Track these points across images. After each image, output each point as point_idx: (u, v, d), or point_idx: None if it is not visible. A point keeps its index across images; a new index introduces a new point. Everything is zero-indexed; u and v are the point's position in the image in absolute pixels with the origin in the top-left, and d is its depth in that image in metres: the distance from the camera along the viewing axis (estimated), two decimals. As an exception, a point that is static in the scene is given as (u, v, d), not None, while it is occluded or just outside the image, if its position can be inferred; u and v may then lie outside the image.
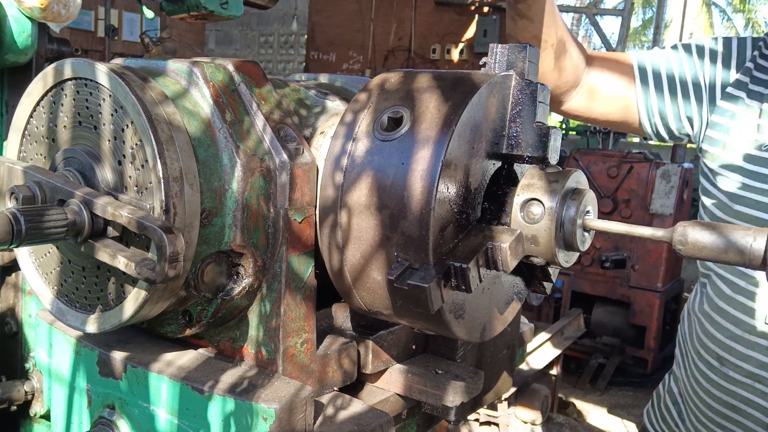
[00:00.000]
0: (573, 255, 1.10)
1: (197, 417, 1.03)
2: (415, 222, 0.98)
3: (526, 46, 1.10)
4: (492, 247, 1.00)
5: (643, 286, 6.39)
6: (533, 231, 1.05)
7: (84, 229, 0.96)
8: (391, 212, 1.01)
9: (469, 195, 1.05)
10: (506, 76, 1.10)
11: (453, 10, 12.29)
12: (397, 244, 1.01)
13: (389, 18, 12.79)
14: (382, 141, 1.04)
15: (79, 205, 0.96)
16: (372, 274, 1.05)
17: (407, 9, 12.60)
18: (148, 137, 0.95)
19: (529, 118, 1.11)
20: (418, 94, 1.07)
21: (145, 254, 0.96)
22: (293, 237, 1.07)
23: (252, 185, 1.04)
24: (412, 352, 1.30)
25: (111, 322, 1.04)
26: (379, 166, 1.03)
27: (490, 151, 1.09)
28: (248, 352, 1.10)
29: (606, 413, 5.83)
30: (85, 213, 0.96)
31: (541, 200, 1.04)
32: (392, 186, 1.01)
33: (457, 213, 1.03)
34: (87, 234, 0.97)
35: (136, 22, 11.52)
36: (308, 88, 1.30)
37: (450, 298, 1.02)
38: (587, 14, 12.24)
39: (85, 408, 1.18)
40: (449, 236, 1.02)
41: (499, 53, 1.12)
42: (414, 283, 0.96)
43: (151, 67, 1.10)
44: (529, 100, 1.11)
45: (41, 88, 1.09)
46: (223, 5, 2.89)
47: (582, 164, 6.55)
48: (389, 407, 1.22)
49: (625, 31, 11.78)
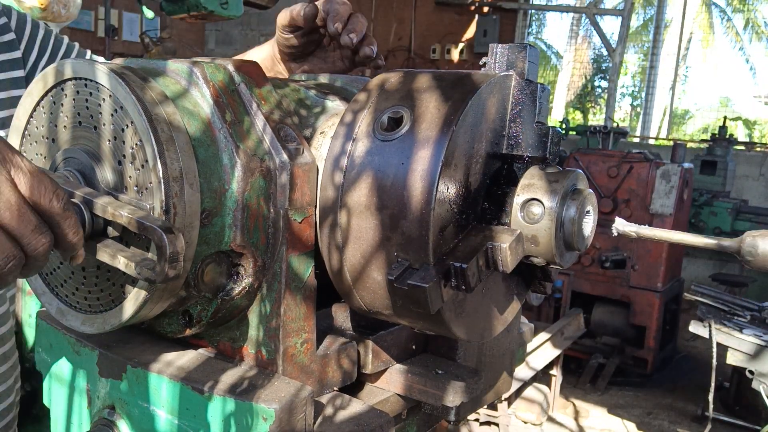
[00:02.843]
0: (573, 255, 1.10)
1: (197, 417, 1.03)
2: (415, 222, 0.99)
3: (527, 46, 1.10)
4: (492, 247, 1.00)
5: (643, 286, 6.39)
6: (533, 231, 1.05)
7: (84, 229, 0.96)
8: (391, 212, 1.01)
9: (469, 195, 1.05)
10: (506, 76, 1.10)
11: (453, 10, 12.30)
12: (397, 244, 1.01)
13: (389, 18, 12.80)
14: (382, 141, 1.04)
15: (79, 205, 0.96)
16: (372, 274, 1.05)
17: (407, 9, 12.61)
18: (148, 137, 0.95)
19: (529, 118, 1.11)
20: (418, 94, 1.07)
21: (145, 254, 0.96)
22: (293, 237, 1.07)
23: (252, 185, 1.04)
24: (412, 352, 1.30)
25: (111, 323, 1.05)
26: (379, 166, 1.03)
27: (490, 151, 1.09)
28: (248, 352, 1.10)
29: (606, 413, 5.83)
30: (85, 213, 0.96)
31: (541, 200, 1.04)
32: (392, 186, 1.01)
33: (457, 213, 1.03)
34: (87, 234, 0.97)
35: (136, 22, 11.52)
36: (308, 88, 1.30)
37: (450, 298, 1.02)
38: (587, 14, 12.25)
39: (85, 408, 1.18)
40: (449, 236, 1.02)
41: (499, 53, 1.12)
42: (414, 283, 0.96)
43: (151, 67, 1.10)
44: (529, 100, 1.11)
45: (41, 88, 1.09)
46: (223, 5, 2.89)
47: (582, 164, 6.55)
48: (389, 407, 1.22)
49: (625, 31, 11.79)
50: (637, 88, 27.67)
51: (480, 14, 12.03)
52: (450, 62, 12.37)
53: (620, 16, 11.88)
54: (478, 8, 12.07)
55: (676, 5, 20.43)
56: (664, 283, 6.36)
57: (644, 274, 6.35)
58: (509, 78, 1.10)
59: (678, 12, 19.28)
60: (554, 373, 5.41)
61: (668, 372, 6.75)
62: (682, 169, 6.26)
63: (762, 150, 12.38)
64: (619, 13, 12.02)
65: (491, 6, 11.96)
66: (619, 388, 6.36)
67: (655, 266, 6.30)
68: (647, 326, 6.38)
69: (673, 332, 6.99)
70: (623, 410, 5.88)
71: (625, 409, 5.92)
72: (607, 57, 16.03)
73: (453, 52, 12.35)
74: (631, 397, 6.23)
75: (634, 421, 5.67)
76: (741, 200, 8.61)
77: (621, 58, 11.87)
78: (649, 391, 6.35)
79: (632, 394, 6.27)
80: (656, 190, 6.28)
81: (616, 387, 6.36)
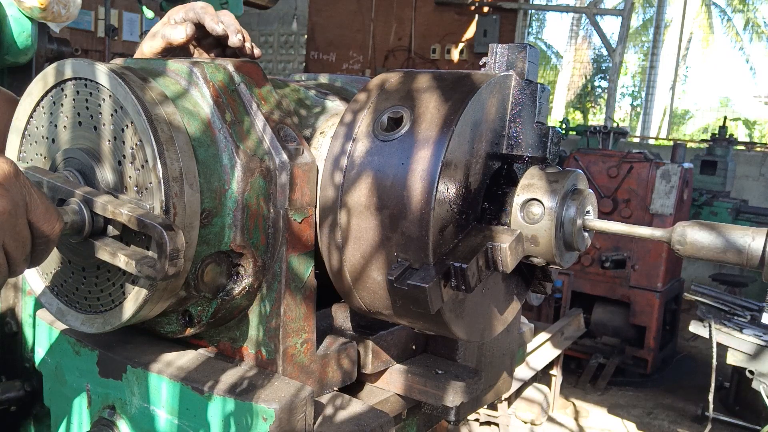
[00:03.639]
0: (573, 255, 1.10)
1: (197, 417, 1.03)
2: (415, 222, 0.99)
3: (527, 46, 1.11)
4: (492, 247, 1.00)
5: (643, 286, 6.39)
6: (533, 231, 1.05)
7: (84, 228, 0.97)
8: (391, 212, 1.01)
9: (469, 195, 1.05)
10: (506, 76, 1.10)
11: (453, 10, 12.29)
12: (397, 244, 1.01)
13: (389, 18, 12.80)
14: (382, 141, 1.04)
15: (79, 203, 0.96)
16: (372, 274, 1.05)
17: (407, 9, 12.60)
18: (148, 137, 0.95)
19: (529, 118, 1.11)
20: (418, 94, 1.07)
21: (146, 252, 0.96)
22: (293, 237, 1.07)
23: (252, 185, 1.04)
24: (412, 352, 1.30)
25: (111, 323, 1.05)
26: (379, 166, 1.03)
27: (490, 152, 1.09)
28: (248, 352, 1.10)
29: (606, 413, 5.83)
30: (85, 211, 0.96)
31: (541, 200, 1.04)
32: (392, 186, 1.01)
33: (456, 213, 1.03)
34: (87, 233, 0.97)
35: (136, 22, 11.51)
36: (308, 88, 1.30)
37: (450, 298, 1.02)
38: (587, 14, 12.25)
39: (85, 408, 1.18)
40: (449, 236, 1.02)
41: (498, 53, 1.12)
42: (414, 283, 0.96)
43: (151, 67, 1.10)
44: (529, 100, 1.11)
45: (41, 88, 1.09)
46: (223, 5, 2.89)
47: (582, 164, 6.55)
48: (389, 407, 1.22)
49: (625, 31, 11.79)
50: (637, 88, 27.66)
51: (480, 14, 12.03)
52: (450, 62, 12.37)
53: (620, 16, 11.88)
54: (478, 8, 12.08)
55: (676, 5, 20.44)
56: (664, 283, 6.36)
57: (644, 274, 6.34)
58: (509, 78, 1.10)
59: (678, 12, 19.28)
60: (554, 373, 5.40)
61: (668, 372, 6.75)
62: (682, 169, 6.25)
63: (762, 150, 12.38)
64: (619, 13, 12.02)
65: (491, 6, 11.96)
66: (619, 388, 6.36)
67: (655, 266, 6.30)
68: (647, 326, 6.37)
69: (673, 332, 6.98)
70: (623, 410, 5.87)
71: (625, 409, 5.92)
72: (607, 57, 16.04)
73: (453, 52, 12.35)
74: (631, 397, 6.22)
75: (634, 421, 5.67)
76: (741, 200, 8.60)
77: (621, 58, 11.88)
78: (649, 391, 6.35)
79: (632, 394, 6.27)
80: (656, 190, 6.28)
81: (616, 387, 6.35)
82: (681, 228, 0.99)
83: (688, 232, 0.98)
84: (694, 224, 0.99)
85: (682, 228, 0.99)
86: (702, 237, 0.97)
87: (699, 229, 0.97)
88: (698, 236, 0.97)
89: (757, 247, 0.93)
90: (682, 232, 0.99)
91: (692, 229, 0.98)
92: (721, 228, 0.97)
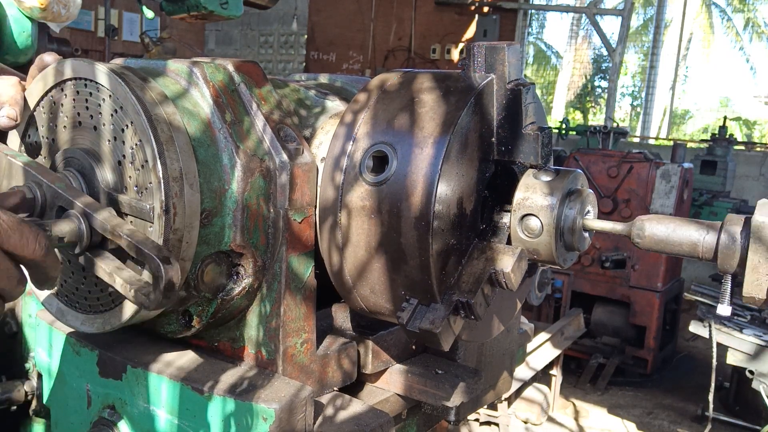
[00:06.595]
0: (574, 254, 1.11)
1: (197, 417, 1.03)
2: (417, 268, 1.01)
3: (505, 46, 1.06)
4: (495, 272, 1.01)
5: (643, 286, 6.38)
6: (534, 245, 1.05)
7: (82, 242, 0.93)
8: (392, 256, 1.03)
9: (465, 220, 1.04)
10: (487, 84, 1.06)
11: (453, 10, 12.29)
12: (403, 284, 1.02)
13: (389, 18, 12.79)
14: (371, 185, 1.04)
15: (78, 217, 0.93)
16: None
17: (407, 9, 12.60)
18: (148, 137, 0.95)
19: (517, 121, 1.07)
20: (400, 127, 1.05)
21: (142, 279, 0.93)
22: (293, 237, 1.07)
23: (252, 185, 1.04)
24: (412, 352, 1.30)
25: (111, 323, 1.04)
26: (371, 212, 1.03)
27: (480, 166, 1.07)
28: (248, 353, 1.10)
29: (606, 413, 5.83)
30: (84, 226, 0.93)
31: (538, 216, 1.04)
32: (388, 233, 1.02)
33: (456, 243, 1.03)
34: (85, 247, 0.94)
35: (136, 22, 11.51)
36: (308, 88, 1.30)
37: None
38: (587, 14, 12.24)
39: (85, 408, 1.18)
40: (452, 267, 1.03)
41: (477, 54, 1.08)
42: (425, 328, 0.99)
43: (151, 67, 1.10)
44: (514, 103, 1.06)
45: (41, 88, 1.09)
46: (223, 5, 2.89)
47: (582, 164, 6.55)
48: (389, 407, 1.22)
49: (625, 31, 11.79)
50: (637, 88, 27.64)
51: (480, 14, 12.03)
52: (450, 62, 12.36)
53: (620, 16, 11.87)
54: (478, 8, 12.07)
55: (676, 5, 20.42)
56: (664, 283, 6.36)
57: (644, 274, 6.34)
58: (490, 85, 1.07)
59: (678, 12, 19.27)
60: (554, 373, 5.40)
61: (668, 372, 6.75)
62: (682, 169, 6.25)
63: (762, 150, 12.37)
64: (619, 13, 12.01)
65: (491, 6, 11.96)
66: (619, 388, 6.35)
67: (655, 266, 6.30)
68: (647, 326, 6.37)
69: (673, 332, 6.98)
70: (623, 410, 5.87)
71: (625, 409, 5.92)
72: (607, 57, 16.03)
73: (453, 52, 12.35)
74: (631, 397, 6.22)
75: (634, 421, 5.67)
76: (741, 200, 8.60)
77: (621, 58, 11.87)
78: (649, 391, 6.35)
79: (632, 394, 6.27)
80: (656, 190, 6.28)
81: (616, 387, 6.35)
82: (640, 222, 1.01)
83: (647, 226, 1.00)
84: (652, 218, 1.01)
85: (641, 222, 1.01)
86: (659, 231, 0.99)
87: (657, 223, 0.99)
88: (656, 230, 0.99)
89: (710, 240, 0.95)
90: (641, 226, 1.01)
91: (650, 223, 1.00)
92: (679, 222, 0.99)
